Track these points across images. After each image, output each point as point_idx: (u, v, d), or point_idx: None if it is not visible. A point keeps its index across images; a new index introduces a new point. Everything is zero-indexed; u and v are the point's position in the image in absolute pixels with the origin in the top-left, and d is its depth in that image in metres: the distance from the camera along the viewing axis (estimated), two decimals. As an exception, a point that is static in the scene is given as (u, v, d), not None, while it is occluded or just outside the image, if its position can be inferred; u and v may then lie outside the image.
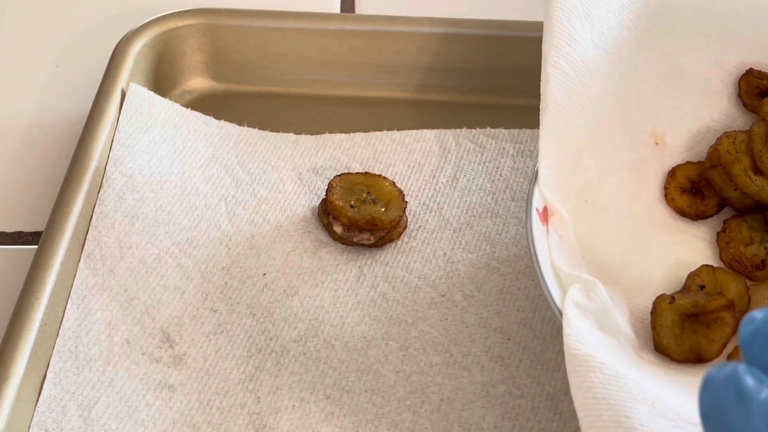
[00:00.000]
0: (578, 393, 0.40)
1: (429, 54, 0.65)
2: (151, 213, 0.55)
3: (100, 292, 0.52)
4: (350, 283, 0.54)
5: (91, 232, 0.54)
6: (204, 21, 0.65)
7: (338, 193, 0.55)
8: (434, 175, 0.59)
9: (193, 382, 0.49)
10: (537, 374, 0.49)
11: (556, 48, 0.49)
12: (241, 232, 0.56)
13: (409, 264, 0.54)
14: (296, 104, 0.65)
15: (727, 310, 0.46)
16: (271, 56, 0.66)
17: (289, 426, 0.48)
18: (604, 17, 0.51)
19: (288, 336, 0.51)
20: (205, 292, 0.53)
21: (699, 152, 0.54)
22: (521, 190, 0.58)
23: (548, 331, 0.51)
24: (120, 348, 0.50)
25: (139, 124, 0.59)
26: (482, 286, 0.53)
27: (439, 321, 0.52)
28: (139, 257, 0.54)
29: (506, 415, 0.48)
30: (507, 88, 0.65)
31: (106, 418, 0.47)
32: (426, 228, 0.56)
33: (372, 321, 0.52)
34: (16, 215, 0.60)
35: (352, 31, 0.65)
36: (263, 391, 0.49)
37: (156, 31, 0.64)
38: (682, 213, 0.53)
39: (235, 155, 0.60)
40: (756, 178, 0.51)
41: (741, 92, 0.54)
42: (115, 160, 0.57)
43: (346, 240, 0.55)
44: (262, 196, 0.58)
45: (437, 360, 0.50)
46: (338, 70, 0.66)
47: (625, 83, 0.52)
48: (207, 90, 0.66)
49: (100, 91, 0.60)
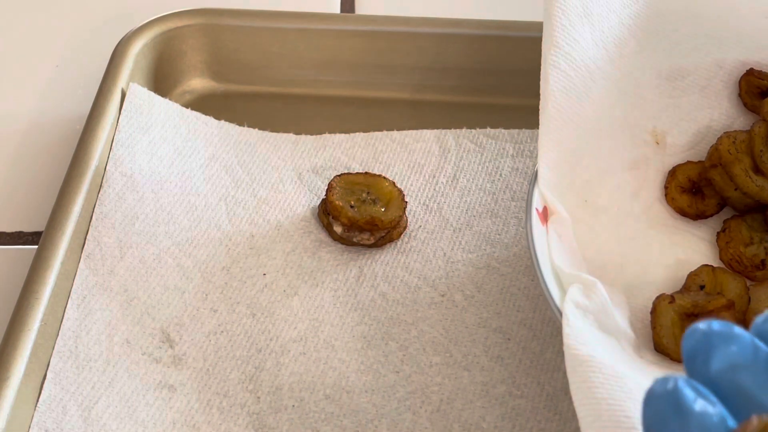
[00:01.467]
0: (578, 393, 0.40)
1: (429, 54, 0.65)
2: (151, 213, 0.55)
3: (100, 292, 0.52)
4: (350, 283, 0.54)
5: (91, 232, 0.54)
6: (204, 21, 0.65)
7: (338, 193, 0.55)
8: (434, 175, 0.59)
9: (193, 382, 0.49)
10: (537, 374, 0.49)
11: (556, 48, 0.49)
12: (241, 232, 0.56)
13: (409, 264, 0.54)
14: (296, 104, 0.65)
15: (727, 310, 0.46)
16: (271, 56, 0.66)
17: (289, 426, 0.48)
18: (604, 17, 0.51)
19: (288, 336, 0.51)
20: (205, 292, 0.53)
21: (699, 152, 0.54)
22: (521, 190, 0.58)
23: (548, 331, 0.51)
24: (120, 348, 0.50)
25: (139, 124, 0.59)
26: (482, 286, 0.53)
27: (439, 321, 0.52)
28: (139, 257, 0.54)
29: (506, 415, 0.48)
30: (507, 88, 0.65)
31: (106, 418, 0.47)
32: (426, 228, 0.56)
33: (372, 321, 0.52)
34: (16, 215, 0.60)
35: (352, 31, 0.65)
36: (263, 391, 0.49)
37: (156, 31, 0.64)
38: (683, 213, 0.53)
39: (235, 155, 0.60)
40: (756, 178, 0.51)
41: (741, 92, 0.54)
42: (115, 160, 0.57)
43: (346, 240, 0.55)
44: (262, 196, 0.58)
45: (437, 360, 0.50)
46: (338, 70, 0.66)
47: (625, 83, 0.52)
48: (207, 90, 0.66)
49: (100, 91, 0.60)
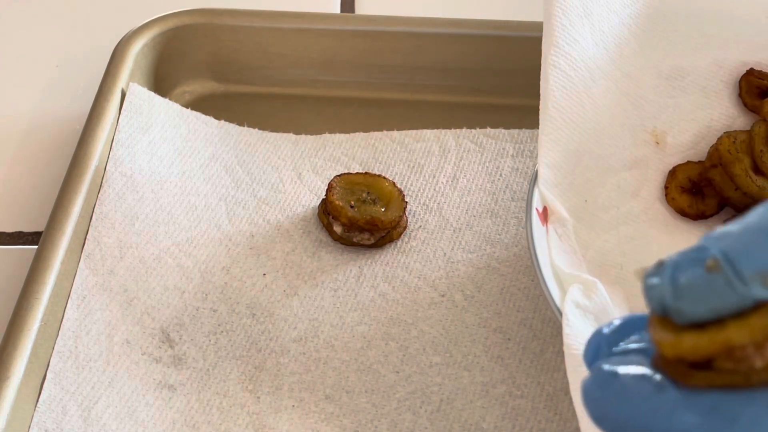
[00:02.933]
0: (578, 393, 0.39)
1: (429, 54, 0.65)
2: (151, 213, 0.55)
3: (100, 292, 0.52)
4: (350, 283, 0.54)
5: (91, 232, 0.54)
6: (204, 21, 0.65)
7: (338, 193, 0.55)
8: (434, 175, 0.59)
9: (193, 382, 0.49)
10: (537, 374, 0.49)
11: (556, 48, 0.49)
12: (241, 232, 0.56)
13: (409, 264, 0.54)
14: (296, 104, 0.65)
15: None
16: (271, 56, 0.66)
17: (289, 426, 0.48)
18: (605, 16, 0.51)
19: (288, 336, 0.51)
20: (205, 292, 0.53)
21: (700, 152, 0.54)
22: (521, 190, 0.58)
23: (548, 331, 0.51)
24: (120, 348, 0.50)
25: (139, 124, 0.59)
26: (482, 286, 0.53)
27: (439, 321, 0.52)
28: (139, 257, 0.54)
29: (506, 415, 0.48)
30: (507, 88, 0.65)
31: (106, 418, 0.47)
32: (426, 228, 0.56)
33: (372, 321, 0.52)
34: (16, 215, 0.60)
35: (352, 31, 0.65)
36: (263, 391, 0.49)
37: (156, 31, 0.64)
38: (683, 213, 0.53)
39: (235, 155, 0.60)
40: (756, 178, 0.51)
41: (741, 92, 0.54)
42: (115, 160, 0.57)
43: (346, 240, 0.55)
44: (262, 196, 0.58)
45: (437, 360, 0.50)
46: (338, 71, 0.66)
47: (625, 82, 0.52)
48: (207, 90, 0.66)
49: (100, 91, 0.60)
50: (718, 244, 0.28)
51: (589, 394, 0.30)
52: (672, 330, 0.29)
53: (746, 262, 0.27)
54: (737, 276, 0.27)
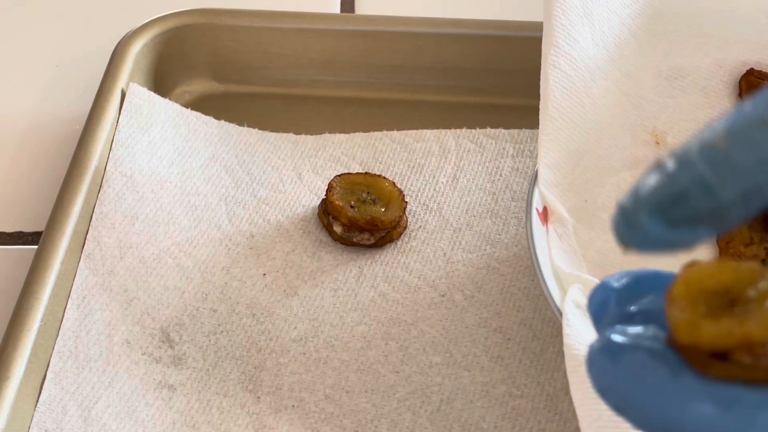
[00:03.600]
0: (578, 393, 0.40)
1: (429, 54, 0.65)
2: (151, 213, 0.55)
3: (100, 292, 0.52)
4: (350, 283, 0.54)
5: (91, 232, 0.54)
6: (204, 21, 0.65)
7: (338, 193, 0.55)
8: (434, 175, 0.59)
9: (193, 382, 0.49)
10: (537, 374, 0.49)
11: (556, 48, 0.49)
12: (241, 232, 0.56)
13: (409, 264, 0.54)
14: (296, 104, 0.65)
15: None
16: (271, 56, 0.66)
17: (289, 426, 0.48)
18: (605, 16, 0.51)
19: (288, 336, 0.51)
20: (205, 292, 0.53)
21: (699, 152, 0.54)
22: (521, 190, 0.58)
23: (548, 331, 0.51)
24: (120, 348, 0.50)
25: (139, 124, 0.59)
26: (482, 286, 0.53)
27: (439, 321, 0.52)
28: (139, 257, 0.54)
29: (506, 415, 0.48)
30: (507, 88, 0.65)
31: (106, 418, 0.47)
32: (426, 228, 0.56)
33: (372, 321, 0.52)
34: (16, 215, 0.60)
35: (352, 31, 0.65)
36: (263, 391, 0.49)
37: (156, 31, 0.64)
38: (683, 213, 0.53)
39: (235, 155, 0.60)
40: (756, 178, 0.51)
41: (741, 92, 0.54)
42: (115, 160, 0.57)
43: (346, 240, 0.55)
44: (262, 196, 0.58)
45: (437, 360, 0.50)
46: (338, 71, 0.66)
47: (625, 82, 0.52)
48: (207, 90, 0.66)
49: (100, 91, 0.60)
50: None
51: (595, 363, 0.28)
52: (692, 311, 0.27)
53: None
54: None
